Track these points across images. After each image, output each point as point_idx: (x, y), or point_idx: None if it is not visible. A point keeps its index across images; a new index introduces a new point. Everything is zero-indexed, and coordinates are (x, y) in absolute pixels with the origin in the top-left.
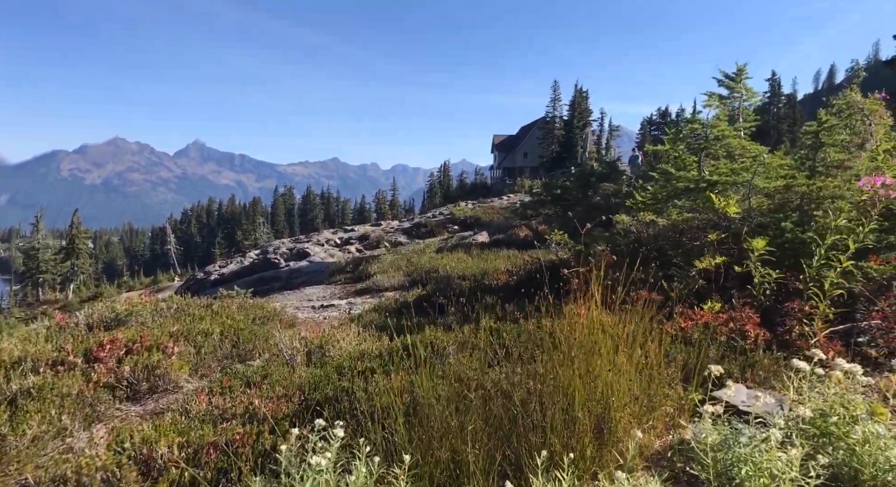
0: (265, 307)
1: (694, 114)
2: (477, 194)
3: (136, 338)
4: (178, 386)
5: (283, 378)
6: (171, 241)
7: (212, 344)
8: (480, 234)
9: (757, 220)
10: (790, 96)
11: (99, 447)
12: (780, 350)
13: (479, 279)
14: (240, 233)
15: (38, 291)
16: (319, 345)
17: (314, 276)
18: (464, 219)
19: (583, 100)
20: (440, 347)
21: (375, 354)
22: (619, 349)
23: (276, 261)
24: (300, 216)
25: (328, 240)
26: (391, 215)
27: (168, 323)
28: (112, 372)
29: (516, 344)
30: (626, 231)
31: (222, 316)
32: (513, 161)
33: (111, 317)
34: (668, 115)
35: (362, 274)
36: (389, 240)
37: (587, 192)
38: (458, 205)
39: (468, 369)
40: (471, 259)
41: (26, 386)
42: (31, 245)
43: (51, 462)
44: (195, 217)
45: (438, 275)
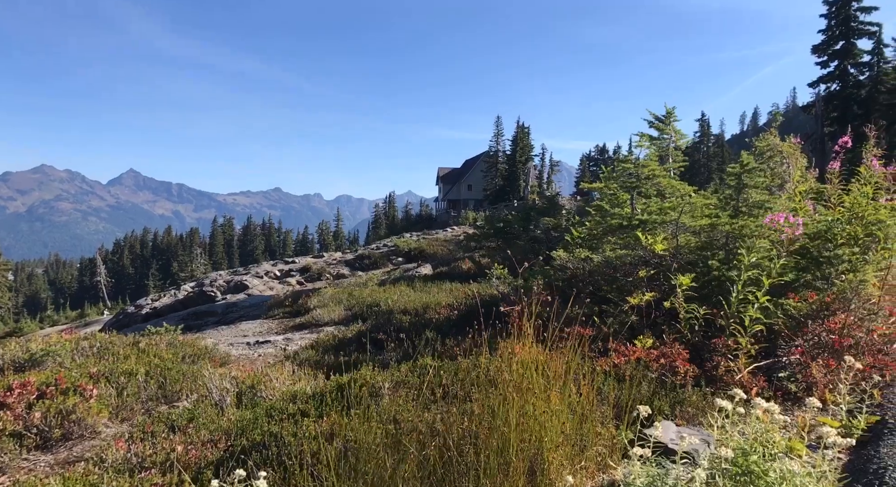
0: (196, 344)
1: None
2: (422, 226)
3: (52, 381)
4: (95, 431)
5: (211, 421)
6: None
7: (136, 385)
8: (424, 267)
9: (685, 257)
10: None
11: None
12: (708, 385)
13: (420, 313)
14: (175, 264)
15: None
16: (251, 385)
17: (251, 310)
18: (408, 251)
19: (525, 136)
20: (376, 387)
21: (309, 395)
22: (553, 387)
23: (212, 294)
24: (240, 247)
25: (268, 273)
26: (335, 246)
27: (90, 362)
28: (21, 419)
29: (453, 382)
30: (562, 267)
31: (149, 355)
32: (457, 193)
33: (25, 358)
34: (606, 152)
35: (301, 309)
36: (332, 272)
37: (528, 226)
38: (403, 237)
39: (403, 410)
40: (413, 292)
41: None
42: None
43: None
44: (128, 247)
45: (380, 310)
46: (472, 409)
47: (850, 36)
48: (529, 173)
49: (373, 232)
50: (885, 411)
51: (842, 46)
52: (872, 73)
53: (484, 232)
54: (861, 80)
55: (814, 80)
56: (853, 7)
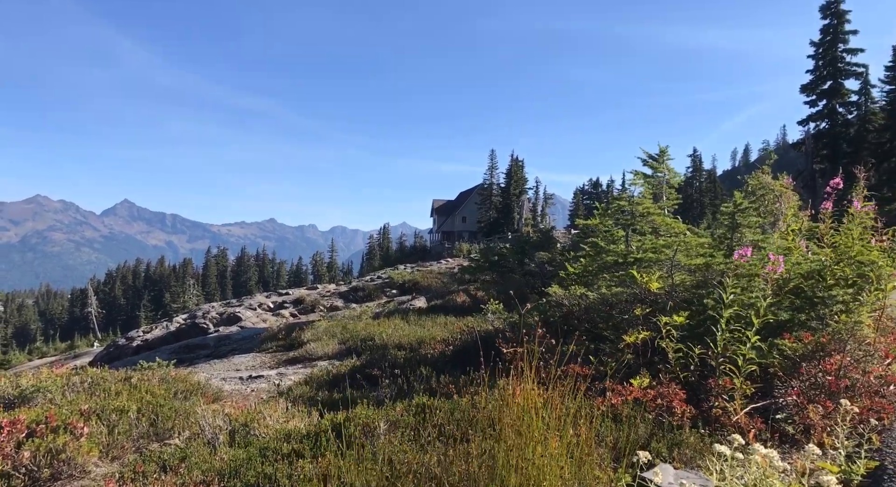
0: (189, 379)
1: (623, 188)
2: (416, 257)
3: (42, 419)
4: (85, 471)
5: (203, 460)
6: (93, 304)
7: (127, 422)
8: (419, 300)
9: (681, 296)
10: (710, 171)
11: None
12: (705, 426)
13: (415, 348)
14: (168, 295)
15: None
16: (244, 423)
17: (244, 343)
18: (402, 283)
19: (518, 169)
20: (372, 426)
21: (304, 434)
22: (552, 430)
23: (204, 327)
24: (233, 278)
25: (261, 304)
26: (329, 278)
27: (81, 399)
28: (9, 459)
29: (450, 422)
30: (558, 303)
31: (141, 391)
32: (452, 225)
33: (15, 394)
34: (600, 186)
35: (295, 342)
36: (325, 304)
37: (523, 260)
38: (397, 269)
39: (399, 452)
40: (408, 326)
41: None
42: None
43: None
44: (120, 278)
45: (374, 344)
46: (470, 451)
47: (838, 76)
48: (524, 206)
49: (367, 263)
50: (885, 456)
51: (829, 86)
52: (860, 112)
53: (479, 264)
54: (849, 119)
55: (803, 118)
56: (840, 49)
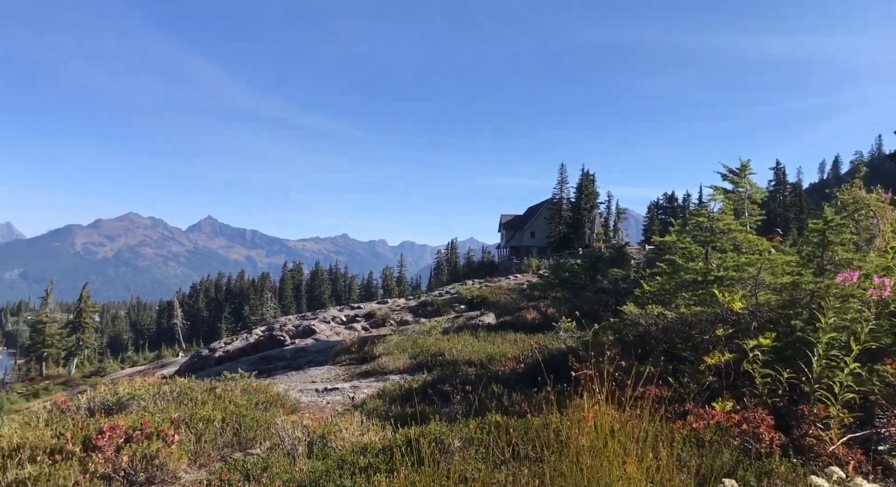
0: (269, 391)
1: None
2: (484, 273)
3: (137, 425)
4: (176, 477)
5: (284, 470)
6: (178, 316)
7: (213, 431)
8: (487, 315)
9: (766, 316)
10: (795, 185)
11: None
12: (797, 455)
13: (485, 365)
14: (247, 308)
15: (41, 365)
16: (322, 435)
17: (319, 356)
18: (471, 298)
19: (589, 183)
20: (445, 442)
21: (379, 448)
22: (630, 453)
23: (281, 339)
24: (308, 292)
25: (334, 318)
26: (398, 292)
27: (170, 407)
28: (110, 462)
29: (524, 441)
30: (634, 322)
31: (225, 401)
32: (520, 240)
33: (113, 401)
34: (675, 200)
35: (367, 356)
36: (395, 318)
37: (595, 277)
38: (465, 284)
39: (473, 469)
40: (477, 342)
41: (22, 476)
42: (39, 318)
43: None
44: (203, 291)
45: (444, 359)
46: (543, 472)
47: None
48: (595, 221)
49: (435, 278)
50: None
51: None
52: None
53: (549, 281)
54: None
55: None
56: None
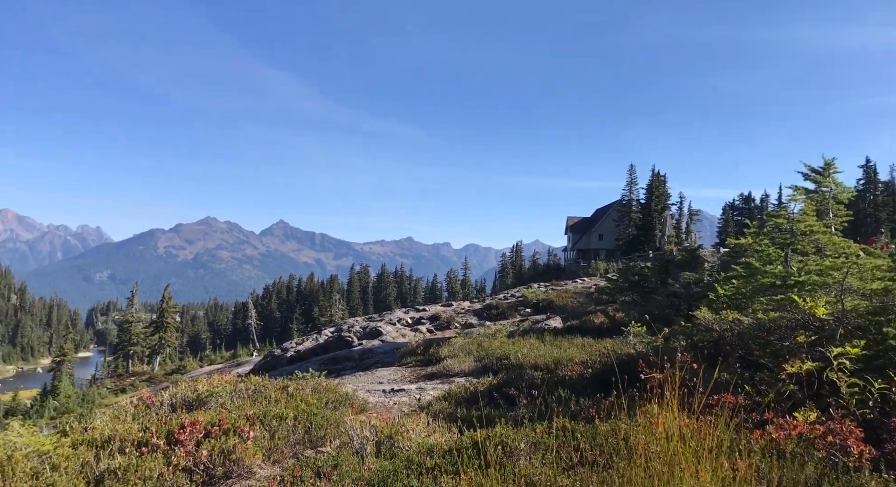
0: (338, 390)
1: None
2: (550, 276)
3: (216, 421)
4: (251, 472)
5: (353, 469)
6: (252, 316)
7: (285, 428)
8: (554, 319)
9: (853, 323)
10: (888, 183)
11: None
12: (889, 470)
13: (552, 369)
14: (317, 309)
15: (128, 362)
16: (389, 435)
17: (385, 357)
18: (536, 301)
19: (660, 184)
20: (511, 446)
21: (445, 449)
22: (704, 461)
23: (349, 340)
24: (374, 294)
25: (400, 320)
26: (462, 295)
27: (246, 404)
28: (190, 456)
29: (591, 446)
30: (707, 327)
31: (297, 399)
32: (587, 243)
33: (193, 398)
34: (752, 201)
35: (433, 358)
36: (460, 321)
37: (667, 280)
38: (531, 287)
39: (541, 473)
40: (543, 346)
41: (113, 466)
42: (126, 318)
43: None
44: (275, 293)
45: (510, 363)
46: (612, 478)
47: None
48: (666, 223)
49: (500, 281)
50: None
51: None
52: None
53: (618, 284)
54: None
55: None
56: None
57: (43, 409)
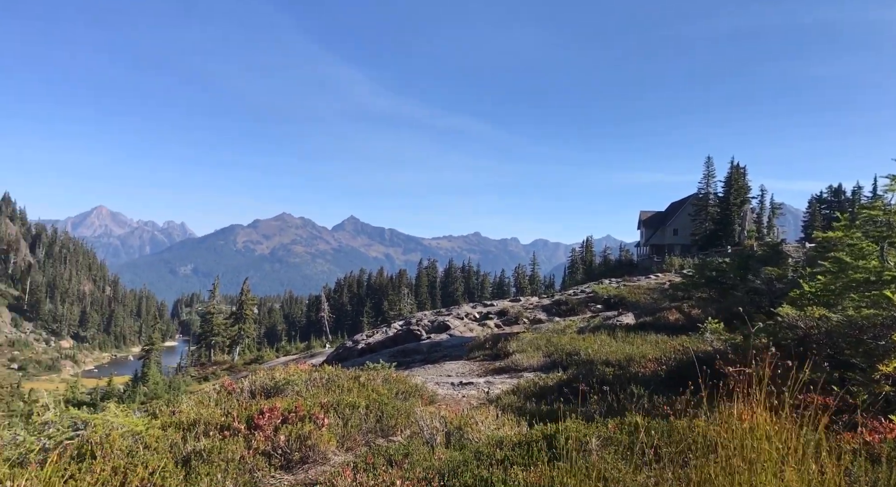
0: (407, 382)
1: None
2: (622, 272)
3: (292, 408)
4: (325, 457)
5: (423, 458)
6: (325, 309)
7: (358, 417)
8: (626, 316)
9: None
10: None
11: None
12: None
13: (624, 366)
14: (386, 303)
15: (210, 352)
16: (458, 426)
17: (453, 351)
18: (607, 298)
19: (740, 176)
20: (582, 440)
21: (514, 442)
22: (788, 462)
23: (418, 333)
24: (442, 288)
25: (468, 314)
26: (530, 290)
27: (320, 393)
28: (269, 440)
29: (666, 443)
30: (791, 324)
31: (368, 389)
32: (661, 238)
33: (271, 385)
34: (843, 193)
35: (501, 352)
36: (528, 316)
37: (746, 276)
38: (602, 283)
39: (613, 469)
40: (615, 342)
41: (199, 448)
42: (208, 310)
43: None
44: (346, 287)
45: (580, 358)
46: (689, 476)
47: None
48: (746, 217)
49: (569, 277)
50: None
51: None
52: None
53: (693, 280)
54: None
55: None
56: None
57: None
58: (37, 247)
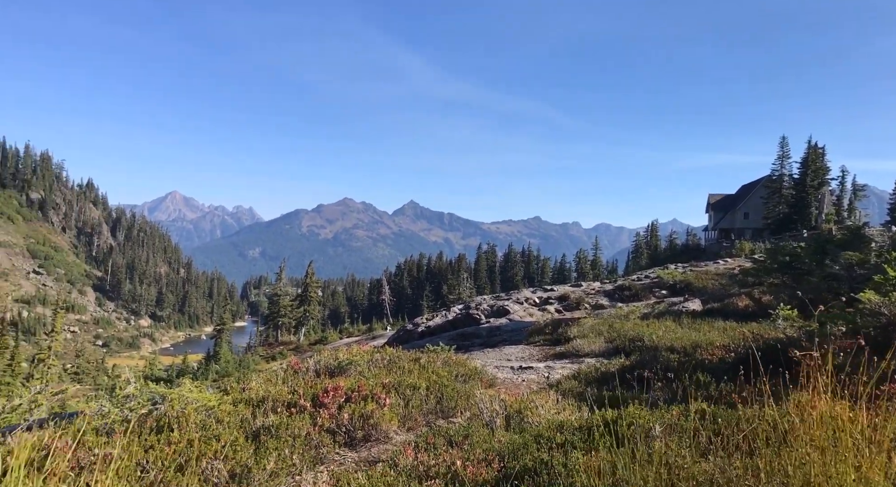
0: (467, 365)
1: None
2: (688, 257)
3: (355, 388)
4: (387, 436)
5: (483, 440)
6: (386, 293)
7: (419, 398)
8: (692, 302)
9: None
10: None
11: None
12: None
13: (689, 353)
14: (445, 287)
15: (277, 332)
16: (518, 410)
17: (513, 335)
18: (673, 283)
19: (817, 157)
20: (645, 427)
21: (575, 426)
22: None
23: (477, 317)
24: (501, 273)
25: (527, 299)
26: (592, 276)
27: (381, 373)
28: (333, 418)
29: (734, 432)
30: (874, 311)
31: (428, 371)
32: (731, 222)
33: (334, 365)
34: None
35: (561, 337)
36: (590, 302)
37: (823, 261)
38: (667, 268)
39: (677, 456)
40: (680, 329)
41: (267, 423)
42: (275, 292)
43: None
44: (407, 271)
45: (643, 345)
46: (757, 466)
47: None
48: (824, 199)
49: (633, 262)
50: None
51: None
52: None
53: (765, 266)
54: None
55: None
56: None
57: (207, 371)
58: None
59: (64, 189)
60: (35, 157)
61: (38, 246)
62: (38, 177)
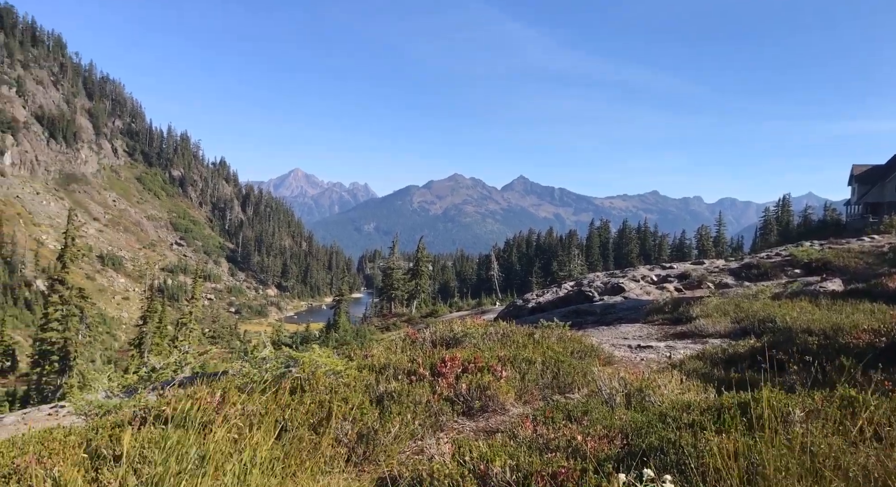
0: (583, 341)
1: None
2: (826, 233)
3: (471, 359)
4: (504, 408)
5: (603, 417)
6: (495, 268)
7: (534, 372)
8: (831, 281)
9: None
10: None
11: (445, 455)
12: None
13: (829, 335)
14: (555, 263)
15: (390, 304)
16: (639, 389)
17: (629, 313)
18: (808, 261)
19: None
20: (783, 412)
21: (703, 407)
22: None
23: (589, 294)
24: (615, 250)
25: (644, 277)
26: (714, 253)
27: (496, 346)
28: (451, 388)
29: (888, 422)
30: None
31: (543, 346)
32: (880, 195)
33: (450, 336)
34: None
35: (682, 316)
36: (713, 280)
37: None
38: (801, 246)
39: (821, 443)
40: (818, 310)
41: (389, 389)
42: (388, 265)
43: (409, 461)
44: (516, 246)
45: (775, 326)
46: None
47: None
48: None
49: (761, 239)
50: None
51: None
52: None
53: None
54: None
55: None
56: None
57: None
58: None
59: (200, 167)
60: (176, 138)
61: (179, 219)
62: (178, 155)
